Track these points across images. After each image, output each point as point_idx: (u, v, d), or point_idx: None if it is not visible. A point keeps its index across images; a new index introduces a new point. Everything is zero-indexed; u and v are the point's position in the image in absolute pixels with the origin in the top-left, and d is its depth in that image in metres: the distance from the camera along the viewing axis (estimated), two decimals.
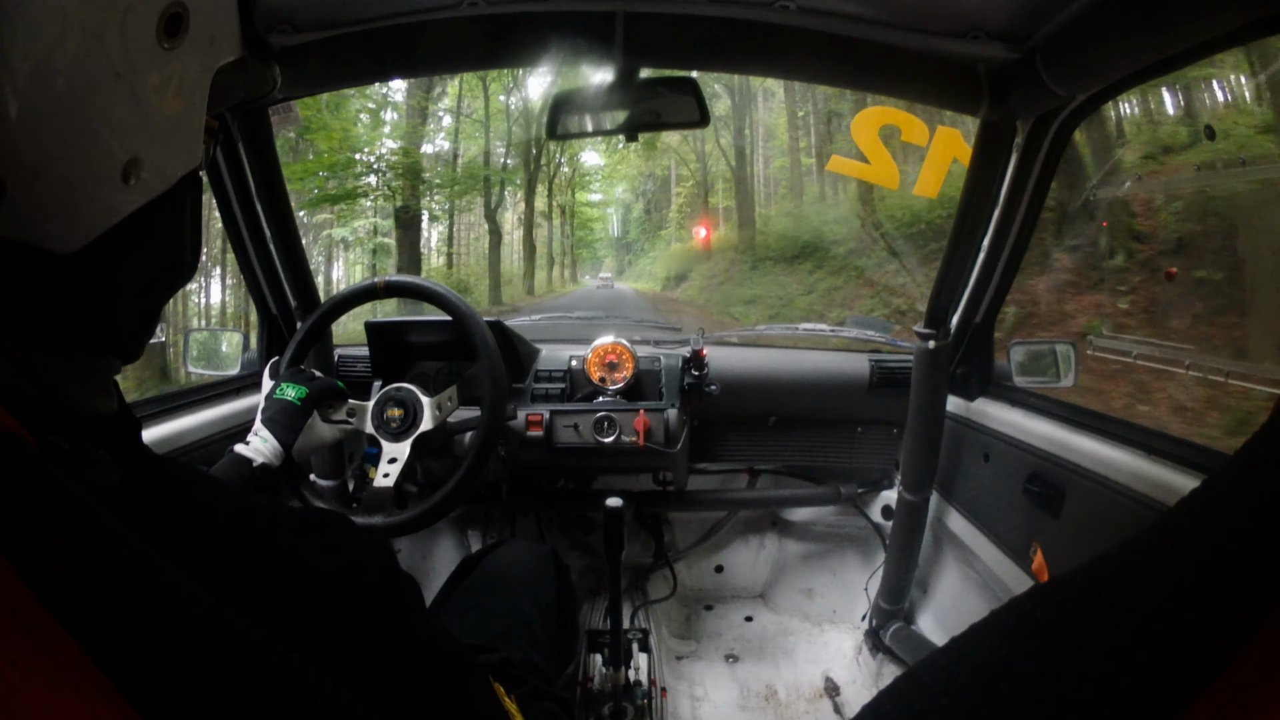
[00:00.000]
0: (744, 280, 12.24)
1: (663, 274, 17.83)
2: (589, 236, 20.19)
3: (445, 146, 12.70)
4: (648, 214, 20.68)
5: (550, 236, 18.53)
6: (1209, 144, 3.13)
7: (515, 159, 14.61)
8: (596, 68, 1.03)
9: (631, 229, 21.10)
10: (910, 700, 0.24)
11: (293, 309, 1.42)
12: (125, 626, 0.24)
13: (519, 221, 16.22)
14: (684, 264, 16.61)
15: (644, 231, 20.53)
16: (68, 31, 0.32)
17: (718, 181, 15.86)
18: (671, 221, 18.93)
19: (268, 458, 0.93)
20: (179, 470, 0.38)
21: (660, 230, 19.47)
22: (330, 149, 9.52)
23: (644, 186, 20.32)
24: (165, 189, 0.41)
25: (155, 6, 0.36)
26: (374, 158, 10.68)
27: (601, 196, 19.87)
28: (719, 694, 1.60)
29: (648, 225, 20.56)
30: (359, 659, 0.35)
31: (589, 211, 19.76)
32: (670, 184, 18.82)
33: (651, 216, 20.55)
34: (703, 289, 14.30)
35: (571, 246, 19.79)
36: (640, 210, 20.76)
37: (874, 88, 1.11)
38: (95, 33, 0.34)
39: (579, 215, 19.47)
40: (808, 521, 1.93)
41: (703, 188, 16.54)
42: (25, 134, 0.33)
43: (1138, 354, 1.56)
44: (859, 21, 1.00)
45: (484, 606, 0.98)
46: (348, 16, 1.02)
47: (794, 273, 10.48)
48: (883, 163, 1.46)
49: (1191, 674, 0.18)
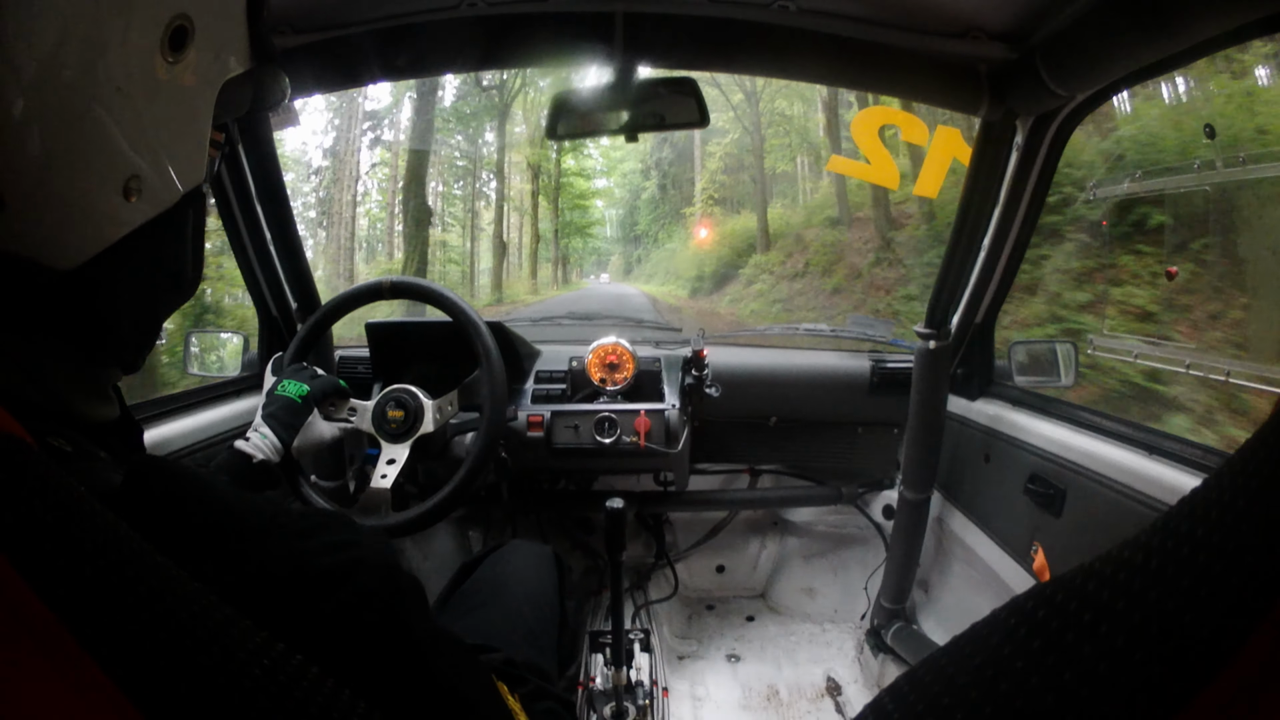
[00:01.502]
0: (880, 282, 7.55)
1: (692, 272, 12.75)
2: (582, 221, 15.70)
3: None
4: (663, 192, 15.82)
5: (523, 227, 14.46)
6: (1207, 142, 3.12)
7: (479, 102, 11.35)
8: (596, 68, 1.03)
9: (641, 216, 16.38)
10: (911, 700, 0.24)
11: (293, 310, 1.42)
12: (126, 626, 0.24)
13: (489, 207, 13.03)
14: (726, 257, 11.56)
15: (658, 218, 15.93)
16: (68, 44, 0.32)
17: (775, 132, 11.11)
18: (700, 197, 13.67)
19: (267, 454, 0.93)
20: (179, 471, 0.38)
21: (684, 210, 14.70)
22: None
23: (656, 156, 15.50)
24: (168, 205, 0.40)
25: (159, 20, 0.36)
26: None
27: (607, 181, 15.81)
28: (721, 694, 1.60)
29: (663, 209, 15.78)
30: (360, 659, 0.35)
31: (579, 184, 15.10)
32: (693, 151, 13.98)
33: (668, 195, 15.59)
34: (769, 297, 9.45)
35: (558, 235, 15.28)
36: (653, 190, 16.07)
37: (874, 88, 1.11)
38: (96, 46, 0.33)
39: (567, 190, 14.92)
40: (809, 521, 1.93)
41: (757, 139, 11.52)
42: (24, 147, 0.32)
43: (1138, 354, 1.56)
44: (859, 22, 1.00)
45: (486, 607, 0.98)
46: (347, 18, 1.02)
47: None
48: (882, 162, 1.46)
49: (1191, 673, 0.18)
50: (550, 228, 15.41)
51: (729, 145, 12.55)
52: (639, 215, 16.62)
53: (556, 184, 14.95)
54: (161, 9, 0.36)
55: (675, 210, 15.30)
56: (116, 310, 0.41)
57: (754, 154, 11.66)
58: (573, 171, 15.29)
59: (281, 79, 0.50)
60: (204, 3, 0.39)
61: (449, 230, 12.88)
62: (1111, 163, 3.62)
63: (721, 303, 10.72)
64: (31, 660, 0.22)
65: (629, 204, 16.80)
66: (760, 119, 11.64)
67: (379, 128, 11.37)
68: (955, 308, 1.40)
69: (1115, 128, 3.88)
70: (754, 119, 11.70)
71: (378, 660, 0.36)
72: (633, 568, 1.93)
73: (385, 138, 11.48)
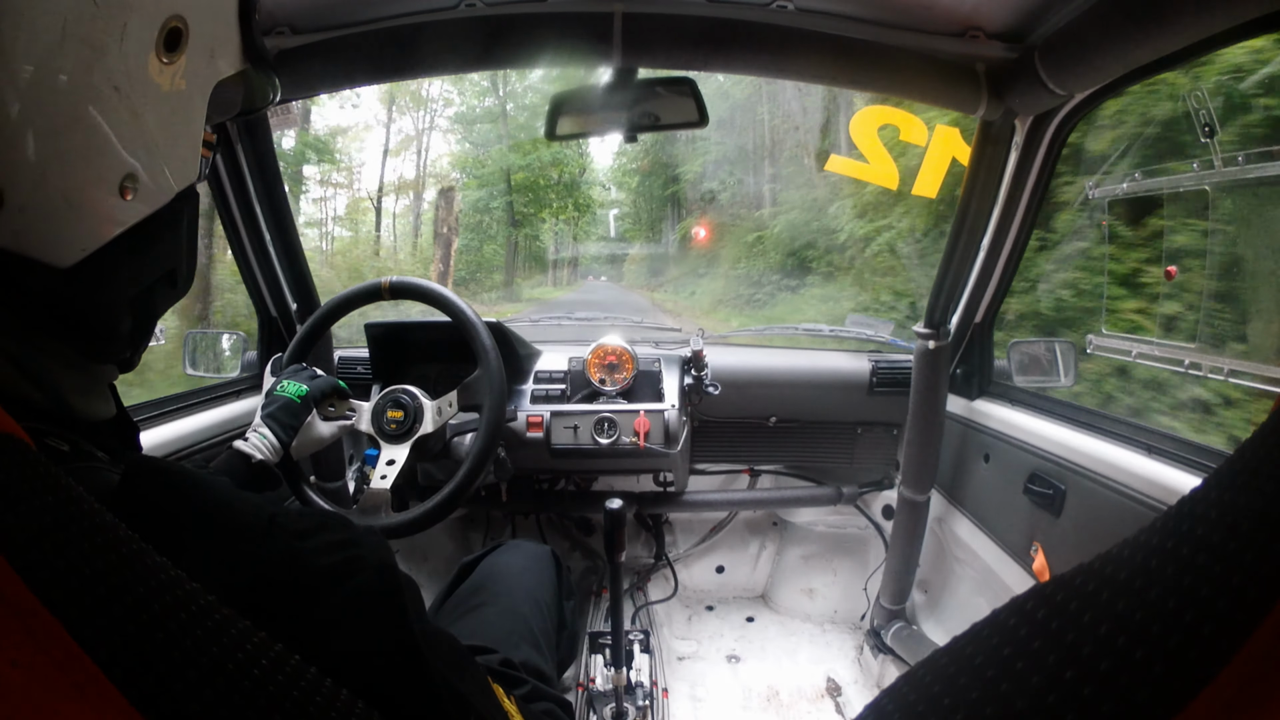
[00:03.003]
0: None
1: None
2: (544, 182, 13.27)
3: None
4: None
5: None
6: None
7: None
8: (595, 68, 1.03)
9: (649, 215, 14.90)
10: (912, 700, 0.24)
11: (292, 311, 1.42)
12: (125, 626, 0.24)
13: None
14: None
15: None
16: (67, 43, 0.33)
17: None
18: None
19: (266, 454, 0.93)
20: (177, 471, 0.38)
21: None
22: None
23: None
24: (162, 203, 0.41)
25: (155, 21, 0.36)
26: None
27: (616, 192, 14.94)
28: (721, 695, 1.60)
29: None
30: (357, 659, 0.35)
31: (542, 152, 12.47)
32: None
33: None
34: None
35: (511, 210, 13.28)
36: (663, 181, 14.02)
37: (873, 87, 1.11)
38: (95, 46, 0.34)
39: (530, 154, 12.71)
40: (808, 522, 1.93)
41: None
42: (23, 145, 0.33)
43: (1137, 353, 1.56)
44: (857, 21, 1.00)
45: (484, 608, 0.98)
46: (346, 18, 1.02)
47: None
48: (881, 162, 1.46)
49: (1192, 672, 0.18)
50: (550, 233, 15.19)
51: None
52: (651, 208, 15.13)
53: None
54: (157, 11, 0.37)
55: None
56: (114, 307, 0.41)
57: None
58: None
59: (272, 80, 0.50)
60: (198, 5, 0.39)
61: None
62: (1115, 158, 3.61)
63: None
64: (31, 661, 0.22)
65: (643, 187, 15.23)
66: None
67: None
68: (954, 307, 1.40)
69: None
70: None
71: (375, 660, 0.36)
72: (632, 568, 1.93)
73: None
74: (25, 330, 0.37)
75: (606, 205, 15.60)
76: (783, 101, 10.56)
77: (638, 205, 15.47)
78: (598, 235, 16.02)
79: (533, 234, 14.88)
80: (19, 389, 0.37)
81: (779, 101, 10.67)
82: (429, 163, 13.12)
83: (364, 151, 12.22)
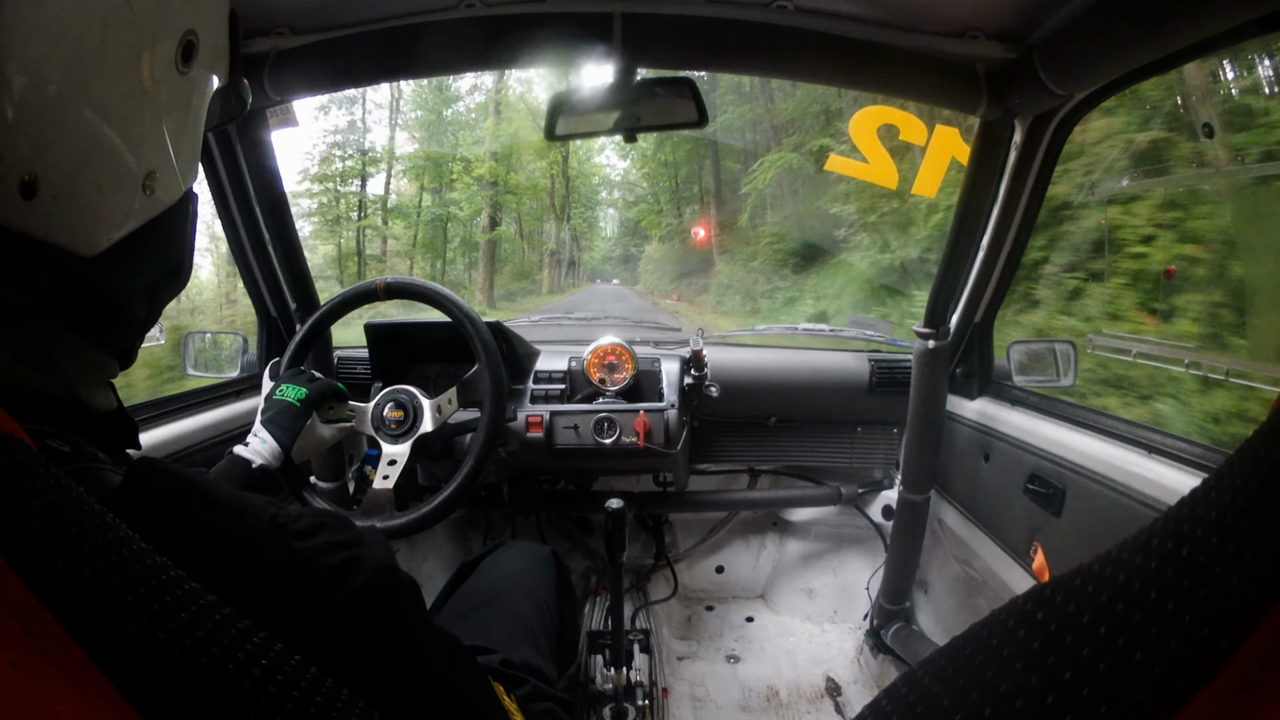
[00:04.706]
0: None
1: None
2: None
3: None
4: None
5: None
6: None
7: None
8: (595, 68, 1.03)
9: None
10: (911, 700, 0.24)
11: (292, 311, 1.42)
12: (125, 626, 0.24)
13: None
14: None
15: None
16: (107, 46, 0.36)
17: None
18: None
19: (267, 459, 0.93)
20: (178, 472, 0.38)
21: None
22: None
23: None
24: (174, 200, 0.44)
25: (175, 34, 0.42)
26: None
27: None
28: (720, 694, 1.60)
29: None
30: (358, 659, 0.35)
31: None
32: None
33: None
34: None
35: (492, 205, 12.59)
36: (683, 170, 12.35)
37: (872, 87, 1.11)
38: (132, 51, 0.38)
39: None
40: (808, 522, 1.93)
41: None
42: (62, 140, 0.36)
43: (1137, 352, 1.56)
44: (857, 21, 1.00)
45: (484, 608, 0.98)
46: (345, 18, 1.02)
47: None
48: (881, 162, 1.46)
49: (1191, 672, 0.18)
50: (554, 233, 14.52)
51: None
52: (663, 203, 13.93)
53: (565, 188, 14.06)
54: (178, 25, 0.42)
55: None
56: (132, 294, 0.44)
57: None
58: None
59: (245, 91, 0.55)
60: (205, 22, 0.45)
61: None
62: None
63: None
64: (31, 661, 0.22)
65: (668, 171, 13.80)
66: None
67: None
68: (954, 307, 1.40)
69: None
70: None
71: (376, 660, 0.36)
72: (632, 568, 1.93)
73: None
74: (39, 320, 0.38)
75: (609, 185, 14.31)
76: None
77: (658, 188, 13.32)
78: (603, 236, 14.85)
79: (514, 237, 13.94)
80: (29, 381, 0.38)
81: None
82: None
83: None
